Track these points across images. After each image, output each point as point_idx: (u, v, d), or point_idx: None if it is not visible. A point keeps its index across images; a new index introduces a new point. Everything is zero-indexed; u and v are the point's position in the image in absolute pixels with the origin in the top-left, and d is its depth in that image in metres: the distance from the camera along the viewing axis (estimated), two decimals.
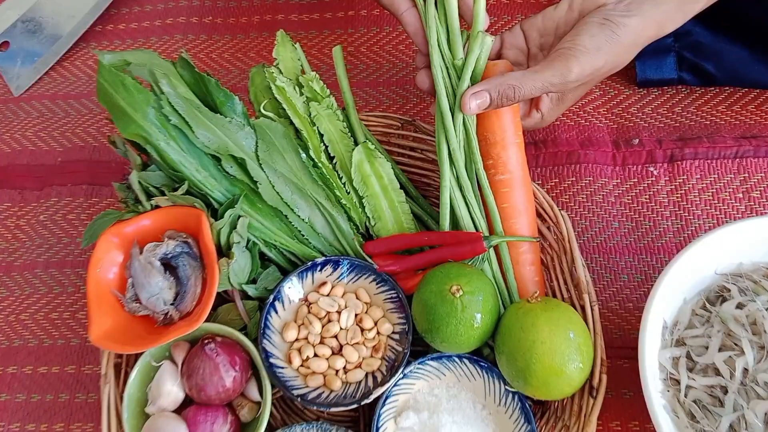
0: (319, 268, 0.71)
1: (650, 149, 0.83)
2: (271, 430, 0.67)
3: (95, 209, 0.88)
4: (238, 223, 0.68)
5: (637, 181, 0.82)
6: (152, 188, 0.70)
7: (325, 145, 0.73)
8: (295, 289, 0.71)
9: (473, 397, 0.67)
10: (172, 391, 0.65)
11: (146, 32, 1.03)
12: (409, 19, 0.70)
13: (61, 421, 0.77)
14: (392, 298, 0.70)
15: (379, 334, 0.68)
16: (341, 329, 0.68)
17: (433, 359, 0.67)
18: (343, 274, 0.72)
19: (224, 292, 0.70)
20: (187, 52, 0.99)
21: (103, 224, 0.71)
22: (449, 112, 0.67)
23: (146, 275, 0.68)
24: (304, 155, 0.71)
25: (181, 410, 0.66)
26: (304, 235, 0.72)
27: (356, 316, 0.69)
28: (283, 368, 0.67)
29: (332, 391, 0.66)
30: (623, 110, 0.87)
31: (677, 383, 0.65)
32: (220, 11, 1.03)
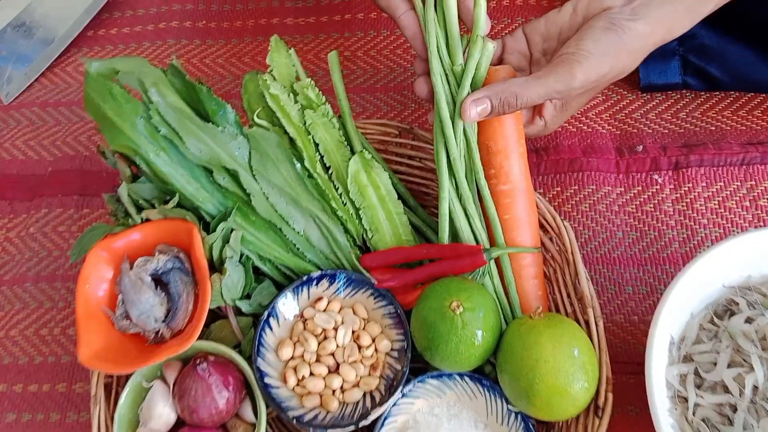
0: (315, 282, 0.69)
1: (654, 156, 0.81)
2: None
3: (86, 221, 0.86)
4: (230, 236, 0.66)
5: (641, 189, 0.80)
6: (142, 201, 0.68)
7: (320, 154, 0.71)
8: (290, 304, 0.68)
9: (475, 416, 0.64)
10: (163, 412, 0.63)
11: (139, 37, 1.01)
12: (407, 22, 0.67)
13: None
14: (390, 313, 0.68)
15: (377, 351, 0.66)
16: (338, 347, 0.66)
17: (433, 377, 0.65)
18: (339, 288, 0.69)
19: (217, 308, 0.68)
20: (180, 57, 0.98)
21: (92, 238, 0.69)
22: (449, 120, 0.65)
23: (136, 292, 0.66)
24: (298, 165, 0.69)
25: None
26: (299, 248, 0.70)
27: (353, 332, 0.67)
28: (278, 388, 0.64)
29: (329, 411, 0.64)
30: (626, 116, 0.85)
31: (685, 401, 0.63)
32: (214, 15, 1.01)
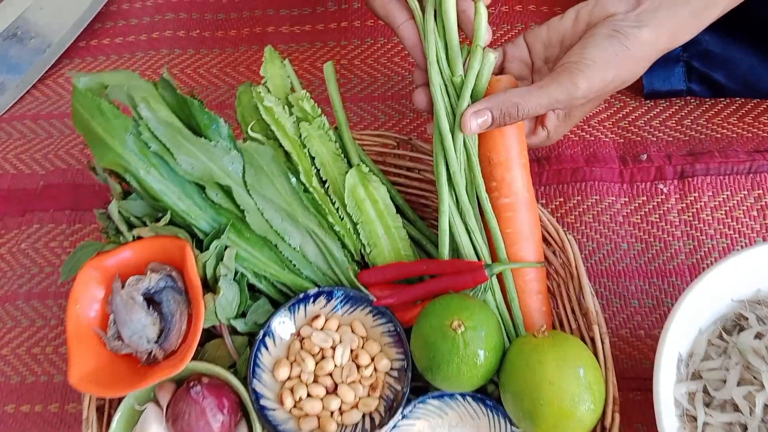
0: (311, 300, 0.67)
1: (659, 165, 0.79)
2: None
3: (78, 236, 0.84)
4: (224, 254, 0.64)
5: (646, 199, 0.78)
6: (134, 218, 0.66)
7: (316, 168, 0.69)
8: (286, 323, 0.67)
9: None
10: None
11: (132, 47, 0.99)
12: (406, 32, 0.65)
13: None
14: (390, 331, 0.66)
15: (376, 371, 0.64)
16: (336, 366, 0.64)
17: (434, 398, 0.63)
18: (337, 305, 0.67)
19: (212, 326, 0.66)
20: (174, 67, 0.96)
21: (82, 257, 0.67)
22: (449, 132, 0.63)
23: (128, 311, 0.64)
24: (294, 180, 0.67)
25: None
26: (295, 264, 0.68)
27: (352, 351, 0.65)
28: (274, 410, 0.63)
29: None
30: (630, 123, 0.83)
31: (694, 420, 0.61)
32: (208, 24, 0.99)
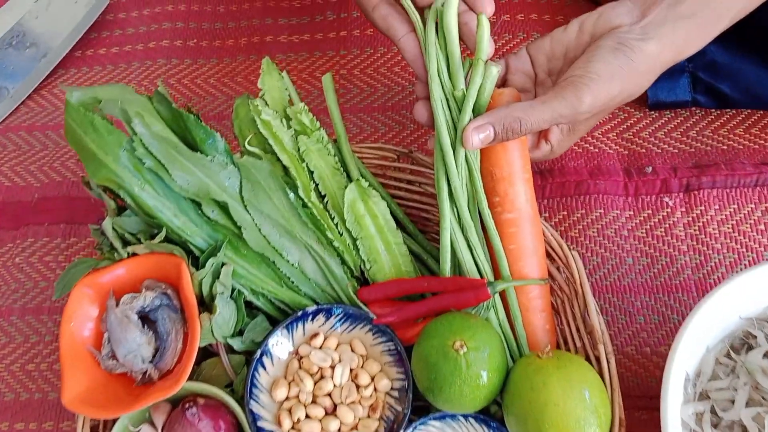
0: (310, 317, 0.66)
1: (665, 178, 0.77)
2: None
3: (73, 250, 0.83)
4: (221, 271, 0.63)
5: (651, 212, 0.76)
6: (128, 235, 0.65)
7: (315, 182, 0.67)
8: (283, 342, 0.65)
9: None
10: None
11: (128, 57, 0.98)
12: (407, 45, 0.64)
13: None
14: (390, 350, 0.64)
15: (376, 391, 0.63)
16: (335, 386, 0.62)
17: (436, 419, 0.62)
18: (336, 323, 0.66)
19: (208, 345, 0.65)
20: (171, 77, 0.94)
21: (76, 274, 0.65)
22: (450, 147, 0.62)
23: (123, 330, 0.62)
24: (292, 195, 0.66)
25: None
26: (293, 281, 0.67)
27: (351, 370, 0.63)
28: None
29: None
30: (634, 135, 0.81)
31: None
32: (205, 33, 0.98)
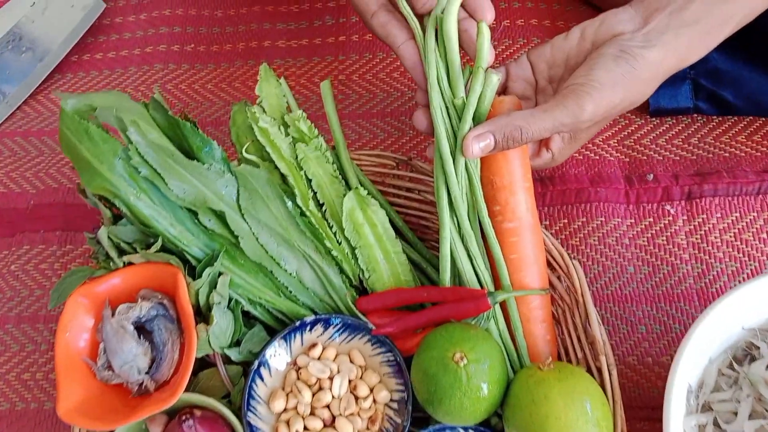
0: (308, 328, 0.65)
1: (666, 185, 0.76)
2: None
3: (69, 257, 0.82)
4: (218, 281, 0.62)
5: (652, 220, 0.76)
6: (124, 244, 0.64)
7: (313, 191, 0.67)
8: (281, 352, 0.64)
9: None
10: None
11: (125, 62, 0.97)
12: (406, 53, 0.63)
13: None
14: (389, 361, 0.63)
15: (375, 402, 0.62)
16: (334, 398, 0.62)
17: (436, 431, 0.61)
18: (334, 334, 0.65)
19: (205, 355, 0.64)
20: (168, 82, 0.94)
21: (71, 283, 0.65)
22: (449, 156, 0.61)
23: (119, 340, 0.61)
24: (290, 203, 0.65)
25: None
26: (291, 291, 0.66)
27: (350, 382, 0.62)
28: None
29: None
30: (635, 142, 0.81)
31: None
32: (203, 38, 0.97)
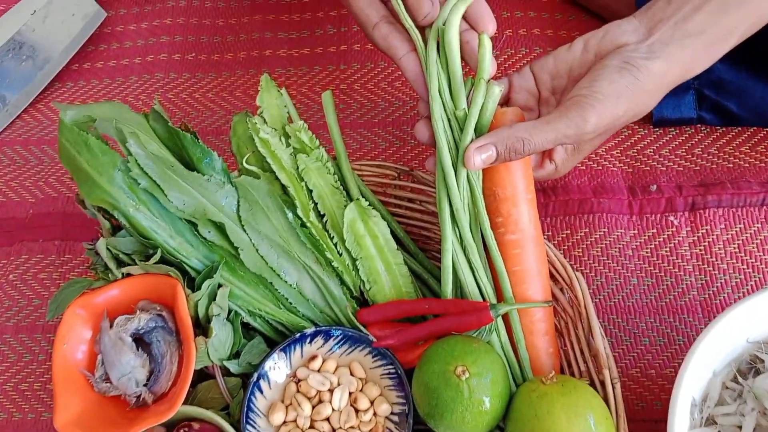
0: (308, 340, 0.64)
1: (669, 196, 0.76)
2: None
3: (68, 267, 0.81)
4: (217, 293, 0.62)
5: (656, 231, 0.75)
6: (123, 255, 0.63)
7: (314, 202, 0.66)
8: (281, 365, 0.64)
9: None
10: None
11: (126, 70, 0.97)
12: (408, 65, 0.63)
13: None
14: (390, 373, 0.63)
15: (375, 415, 0.61)
16: (333, 411, 0.61)
17: None
18: (335, 346, 0.65)
19: (204, 367, 0.63)
20: (169, 91, 0.93)
21: (69, 295, 0.64)
22: (451, 168, 0.60)
23: (117, 352, 0.61)
24: (290, 214, 0.65)
25: None
26: (291, 302, 0.65)
27: (350, 394, 0.62)
28: None
29: None
30: (638, 152, 0.80)
31: None
32: (204, 47, 0.97)
